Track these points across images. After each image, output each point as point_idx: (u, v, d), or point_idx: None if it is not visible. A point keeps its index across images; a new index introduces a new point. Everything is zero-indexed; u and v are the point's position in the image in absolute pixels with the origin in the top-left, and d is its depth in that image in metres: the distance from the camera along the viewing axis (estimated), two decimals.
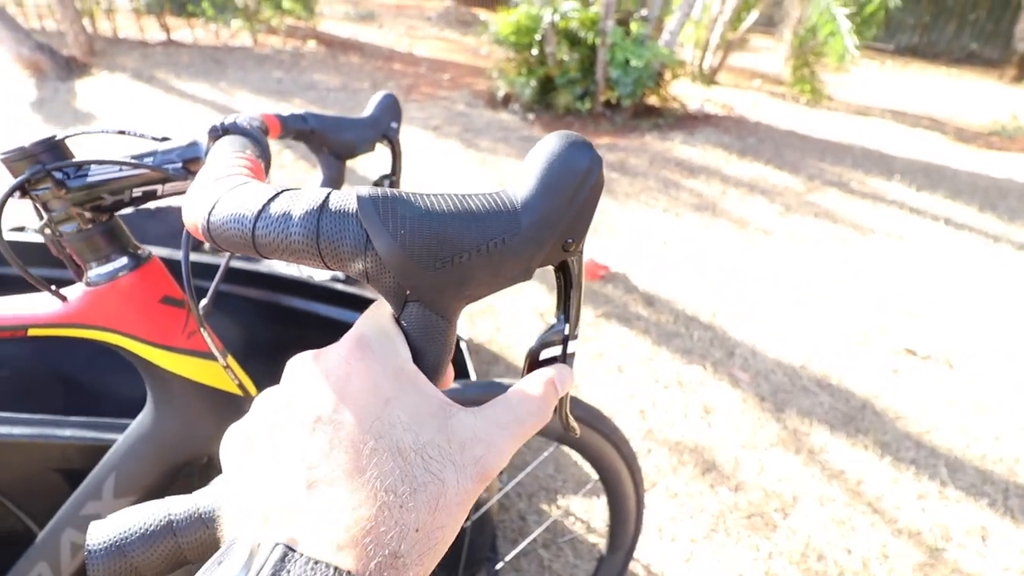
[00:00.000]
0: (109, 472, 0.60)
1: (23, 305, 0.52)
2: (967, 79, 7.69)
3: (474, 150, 3.64)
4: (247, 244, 0.25)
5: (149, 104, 3.94)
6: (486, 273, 0.26)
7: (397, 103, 0.99)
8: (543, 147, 0.27)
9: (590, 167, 0.26)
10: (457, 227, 0.25)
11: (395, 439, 0.22)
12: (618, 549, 1.05)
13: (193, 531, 0.27)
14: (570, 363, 0.32)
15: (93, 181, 0.48)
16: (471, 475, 0.23)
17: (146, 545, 0.26)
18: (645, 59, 3.91)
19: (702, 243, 2.74)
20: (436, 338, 0.27)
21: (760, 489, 1.51)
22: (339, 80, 4.85)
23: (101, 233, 0.50)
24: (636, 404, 1.74)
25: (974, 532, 1.44)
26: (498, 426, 0.25)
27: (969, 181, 3.88)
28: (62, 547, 0.63)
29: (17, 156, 0.46)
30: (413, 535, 0.21)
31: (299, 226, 0.24)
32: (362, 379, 0.24)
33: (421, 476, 0.22)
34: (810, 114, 5.19)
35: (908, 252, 2.83)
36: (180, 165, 0.49)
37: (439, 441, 0.23)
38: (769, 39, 7.90)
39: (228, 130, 0.46)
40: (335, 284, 1.10)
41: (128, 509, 0.27)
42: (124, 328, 0.52)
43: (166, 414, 0.58)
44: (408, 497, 0.21)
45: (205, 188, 0.29)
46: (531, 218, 0.26)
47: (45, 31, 5.19)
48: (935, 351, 2.10)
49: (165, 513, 0.27)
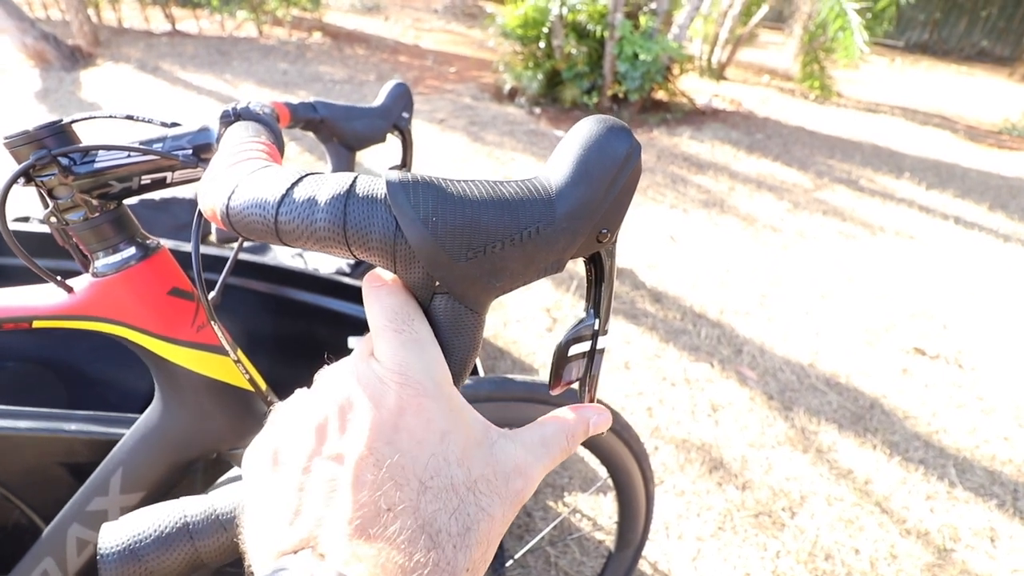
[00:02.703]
0: (116, 467, 0.59)
1: (28, 296, 0.51)
2: (978, 76, 7.61)
3: (480, 143, 3.62)
4: (269, 231, 0.24)
5: (154, 95, 3.92)
6: (519, 264, 0.24)
7: (409, 92, 0.97)
8: (580, 131, 0.25)
9: (629, 154, 0.25)
10: (491, 215, 0.23)
11: (450, 476, 0.22)
12: (627, 547, 1.03)
13: (210, 534, 0.26)
14: (599, 359, 0.30)
15: (100, 167, 0.46)
16: (512, 506, 0.23)
17: (161, 548, 0.25)
18: (654, 53, 3.86)
19: (710, 239, 2.72)
20: (464, 333, 0.26)
21: (768, 488, 1.49)
22: (345, 72, 4.82)
23: (108, 222, 0.48)
24: (643, 401, 1.73)
25: (983, 533, 1.43)
26: (535, 457, 0.25)
27: (979, 180, 3.84)
28: (68, 543, 0.62)
29: (21, 140, 0.45)
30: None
31: (325, 212, 0.23)
32: (416, 414, 0.22)
33: (474, 513, 0.21)
34: (819, 110, 5.14)
35: (917, 251, 2.81)
36: (190, 152, 0.47)
37: (487, 474, 0.23)
38: (778, 34, 7.83)
39: (240, 115, 0.44)
40: (341, 278, 1.08)
41: (141, 510, 0.26)
42: (132, 320, 0.50)
43: (174, 409, 0.56)
44: (461, 537, 0.21)
45: (223, 172, 0.27)
46: (566, 207, 0.24)
47: (50, 20, 5.17)
48: (945, 351, 2.08)
49: (180, 515, 0.26)
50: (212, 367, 0.55)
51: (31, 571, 0.63)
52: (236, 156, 0.29)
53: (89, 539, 0.62)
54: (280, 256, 2.23)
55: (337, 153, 0.86)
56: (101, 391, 1.12)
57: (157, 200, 1.57)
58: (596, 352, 0.30)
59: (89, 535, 0.62)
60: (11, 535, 0.78)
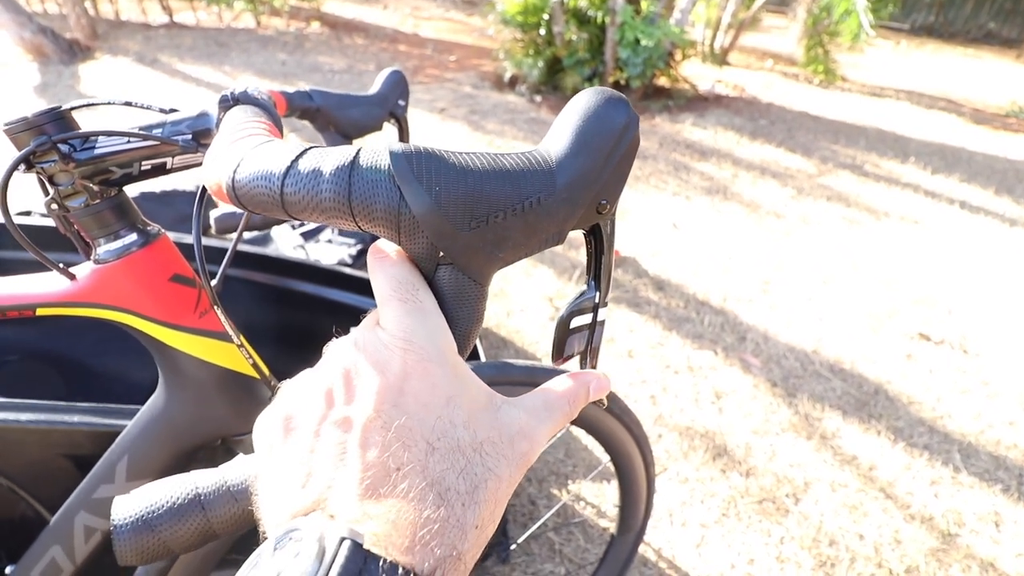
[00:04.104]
0: (122, 454, 0.59)
1: (31, 284, 0.51)
2: (984, 59, 7.52)
3: (480, 132, 3.60)
4: (275, 203, 0.24)
5: (152, 87, 3.91)
6: (521, 234, 0.25)
7: (404, 80, 0.96)
8: (578, 103, 0.26)
9: (627, 124, 0.25)
10: (493, 185, 0.24)
11: (456, 437, 0.22)
12: (628, 531, 1.04)
13: (222, 505, 0.26)
14: (600, 330, 0.31)
15: (101, 153, 0.46)
16: (519, 467, 0.24)
17: (175, 519, 0.25)
18: (655, 39, 3.82)
19: (713, 226, 2.71)
20: (468, 303, 0.26)
21: (771, 474, 1.50)
22: (344, 62, 4.79)
23: (109, 208, 0.48)
24: (647, 389, 1.73)
25: (987, 518, 1.43)
26: (539, 420, 0.26)
27: (985, 163, 3.80)
28: (75, 530, 0.62)
29: (21, 127, 0.44)
30: (473, 533, 0.21)
31: (329, 183, 0.23)
32: (422, 379, 0.23)
33: (481, 473, 0.22)
34: (823, 95, 5.09)
35: (923, 236, 2.79)
36: (190, 137, 0.47)
37: (493, 437, 0.23)
38: (782, 18, 7.74)
39: (239, 100, 0.44)
40: (343, 268, 1.08)
41: (153, 483, 0.27)
42: (134, 307, 0.50)
43: (178, 395, 0.57)
44: (469, 495, 0.21)
45: (227, 148, 0.28)
46: (566, 177, 0.25)
47: (47, 14, 5.14)
48: (949, 336, 2.07)
49: (192, 487, 0.26)
50: (215, 353, 0.55)
51: (39, 559, 0.64)
52: (239, 133, 0.29)
53: (96, 526, 0.63)
54: (282, 248, 2.23)
55: (333, 142, 0.86)
56: (103, 384, 1.13)
57: (158, 192, 1.57)
58: (597, 324, 0.31)
59: (96, 522, 0.63)
60: (17, 526, 0.79)
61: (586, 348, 0.31)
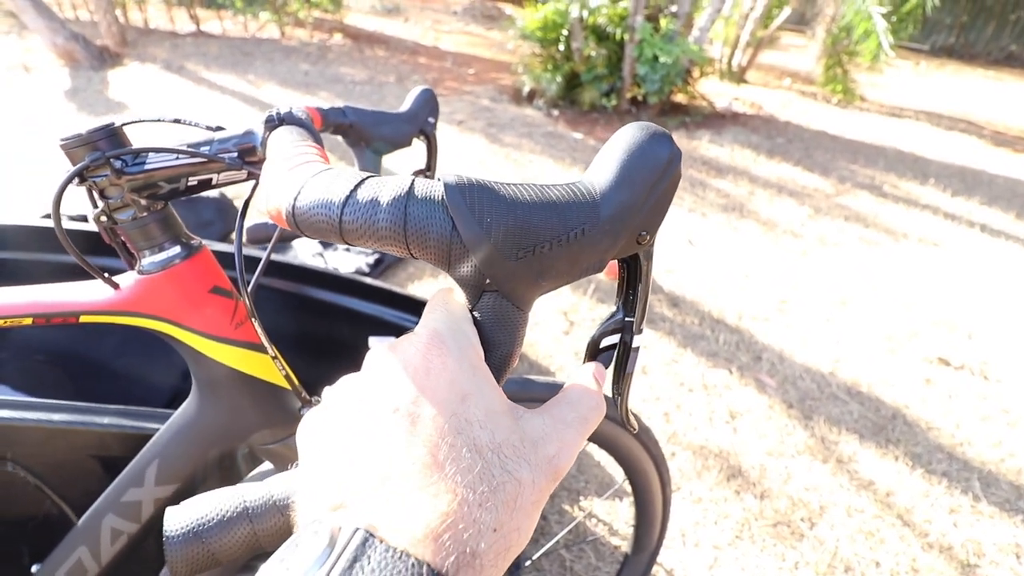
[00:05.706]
0: (152, 459, 0.61)
1: (76, 292, 0.53)
2: (1005, 81, 7.45)
3: (498, 145, 3.63)
4: (333, 230, 0.25)
5: (179, 94, 4.00)
6: (565, 263, 0.26)
7: (434, 98, 0.98)
8: (623, 137, 0.26)
9: (671, 159, 0.26)
10: (540, 217, 0.25)
11: (473, 436, 0.22)
12: (643, 550, 1.03)
13: (269, 518, 0.27)
14: (635, 357, 0.31)
15: (151, 169, 0.48)
16: (545, 474, 0.23)
17: (223, 531, 0.26)
18: (674, 56, 3.84)
19: (729, 244, 2.70)
20: (509, 328, 0.27)
21: (786, 497, 1.48)
22: (365, 73, 4.87)
23: (156, 221, 0.50)
24: (660, 407, 1.72)
25: (1008, 549, 1.40)
26: (565, 424, 0.26)
27: (1007, 186, 3.76)
28: (103, 532, 0.63)
29: (76, 143, 0.46)
30: (491, 535, 0.20)
31: (387, 213, 0.24)
32: (440, 374, 0.24)
33: (499, 475, 0.22)
34: (842, 114, 5.07)
35: (942, 258, 2.75)
36: (236, 155, 0.48)
37: (513, 440, 0.23)
38: (801, 37, 7.73)
39: (284, 120, 0.46)
40: (362, 278, 1.10)
41: (202, 495, 0.27)
42: (175, 317, 0.52)
43: (211, 403, 0.58)
44: (487, 496, 0.21)
45: (286, 175, 0.29)
46: (610, 209, 0.25)
47: (79, 21, 5.30)
48: (969, 361, 2.04)
49: (240, 500, 0.27)
50: (249, 363, 0.56)
51: (65, 560, 0.65)
52: (295, 159, 0.31)
53: (123, 529, 0.64)
54: (301, 256, 2.25)
55: (365, 157, 0.88)
56: (123, 386, 1.15)
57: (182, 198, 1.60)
58: (631, 351, 0.31)
59: (123, 525, 0.64)
60: (42, 525, 0.81)
61: (617, 373, 0.32)
